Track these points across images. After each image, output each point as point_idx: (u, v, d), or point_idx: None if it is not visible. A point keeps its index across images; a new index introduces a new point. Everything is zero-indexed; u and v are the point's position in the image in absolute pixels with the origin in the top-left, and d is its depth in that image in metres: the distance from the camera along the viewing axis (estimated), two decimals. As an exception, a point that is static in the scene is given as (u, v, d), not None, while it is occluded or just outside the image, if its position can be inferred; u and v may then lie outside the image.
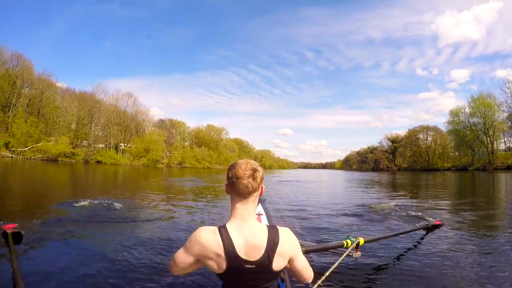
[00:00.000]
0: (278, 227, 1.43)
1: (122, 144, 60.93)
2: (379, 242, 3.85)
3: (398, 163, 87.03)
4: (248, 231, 1.36)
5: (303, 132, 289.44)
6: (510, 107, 52.66)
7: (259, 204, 1.44)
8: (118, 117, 59.07)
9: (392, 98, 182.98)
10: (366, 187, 17.13)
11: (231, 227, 1.37)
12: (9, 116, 40.31)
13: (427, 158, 77.22)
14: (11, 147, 37.46)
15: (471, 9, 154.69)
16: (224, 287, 1.52)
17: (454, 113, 62.03)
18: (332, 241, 3.84)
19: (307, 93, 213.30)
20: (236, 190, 1.37)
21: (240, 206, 1.39)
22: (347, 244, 2.73)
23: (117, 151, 58.66)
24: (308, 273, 1.52)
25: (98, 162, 49.39)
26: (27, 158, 38.04)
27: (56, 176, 18.46)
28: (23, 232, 3.52)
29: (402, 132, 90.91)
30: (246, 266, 1.33)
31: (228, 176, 1.40)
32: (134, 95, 64.07)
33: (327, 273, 1.96)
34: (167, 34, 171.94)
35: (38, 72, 47.05)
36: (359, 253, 2.78)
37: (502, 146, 58.29)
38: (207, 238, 1.34)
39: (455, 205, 8.97)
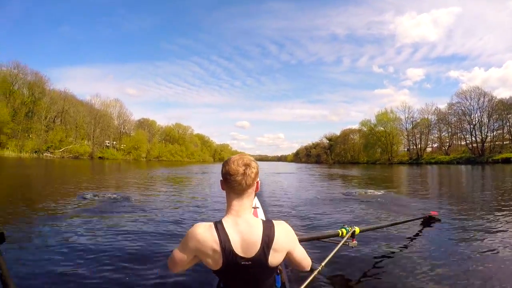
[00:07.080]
0: (273, 221, 1.40)
1: (108, 142, 73.97)
2: (375, 231, 3.83)
3: (334, 157, 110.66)
4: (243, 227, 1.34)
5: (261, 124, 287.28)
6: (411, 123, 76.34)
7: (256, 197, 1.43)
8: (111, 120, 72.76)
9: (350, 93, 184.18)
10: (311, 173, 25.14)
11: (227, 222, 1.35)
12: (41, 126, 53.86)
13: (352, 154, 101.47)
14: (49, 150, 51.13)
15: (431, 12, 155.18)
16: (220, 284, 1.54)
17: (363, 123, 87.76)
18: (326, 230, 3.83)
19: (267, 85, 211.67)
20: (231, 187, 1.37)
21: (235, 203, 1.38)
22: (342, 233, 2.62)
23: (110, 148, 72.16)
24: (306, 262, 1.51)
25: (101, 158, 62.46)
26: (61, 157, 51.75)
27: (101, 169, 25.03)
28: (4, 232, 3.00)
29: (338, 132, 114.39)
30: (242, 262, 1.32)
31: (222, 172, 1.39)
32: (120, 101, 77.93)
33: (323, 263, 1.91)
34: (129, 21, 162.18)
35: (59, 88, 60.20)
36: (355, 242, 2.65)
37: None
38: (204, 234, 1.31)
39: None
